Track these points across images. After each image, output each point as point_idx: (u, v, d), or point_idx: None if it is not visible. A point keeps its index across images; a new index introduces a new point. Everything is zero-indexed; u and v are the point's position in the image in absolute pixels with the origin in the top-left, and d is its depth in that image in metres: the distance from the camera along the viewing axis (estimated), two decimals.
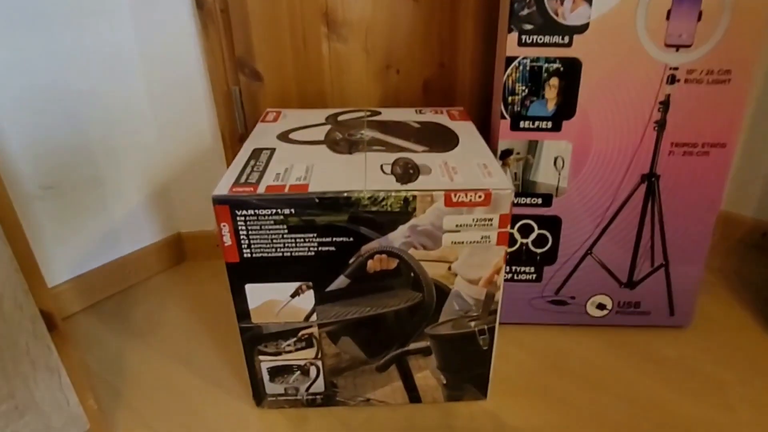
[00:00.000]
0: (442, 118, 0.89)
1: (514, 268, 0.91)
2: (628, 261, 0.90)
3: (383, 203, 0.62)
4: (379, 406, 0.80)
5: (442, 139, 0.78)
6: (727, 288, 1.07)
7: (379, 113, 0.91)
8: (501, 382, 0.84)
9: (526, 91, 0.80)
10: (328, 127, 0.83)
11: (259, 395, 0.78)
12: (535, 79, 0.79)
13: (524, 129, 0.82)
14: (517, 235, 0.89)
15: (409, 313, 0.70)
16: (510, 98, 0.80)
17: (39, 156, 0.91)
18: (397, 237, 0.64)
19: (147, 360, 0.91)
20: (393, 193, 0.62)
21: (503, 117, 0.81)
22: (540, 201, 0.86)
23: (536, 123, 0.81)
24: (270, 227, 0.63)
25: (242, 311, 0.69)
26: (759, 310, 1.00)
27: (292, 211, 0.62)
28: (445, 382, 0.78)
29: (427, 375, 0.77)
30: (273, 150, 0.74)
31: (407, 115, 0.90)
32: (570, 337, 0.94)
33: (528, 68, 0.78)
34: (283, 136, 0.80)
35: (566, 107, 0.80)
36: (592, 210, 0.86)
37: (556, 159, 0.84)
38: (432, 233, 0.64)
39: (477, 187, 0.62)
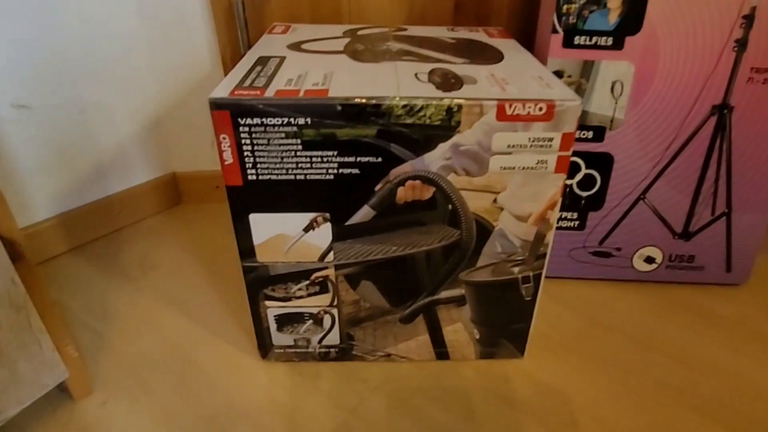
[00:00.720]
0: (479, 35, 0.76)
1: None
2: (685, 208, 0.79)
3: (421, 114, 0.50)
4: (401, 362, 0.70)
5: (482, 53, 0.66)
6: None
7: (405, 29, 0.78)
8: (539, 340, 0.74)
9: None
10: (347, 39, 0.71)
11: (264, 346, 0.69)
12: None
13: (579, 46, 0.69)
14: None
15: (442, 255, 0.60)
16: (565, 6, 0.67)
17: (10, 71, 0.79)
18: (435, 158, 0.53)
19: (137, 305, 0.81)
20: (434, 102, 0.50)
21: (555, 31, 0.69)
22: (591, 135, 0.74)
23: (594, 39, 0.69)
24: (280, 142, 0.51)
25: (246, 247, 0.59)
26: None
27: (308, 121, 0.50)
28: (478, 336, 0.68)
29: (459, 328, 0.66)
30: (283, 58, 0.62)
31: (438, 32, 0.77)
32: (613, 292, 0.84)
33: None
34: (295, 46, 0.67)
35: (631, 20, 0.67)
36: (650, 147, 0.75)
37: (614, 84, 0.71)
38: (477, 155, 0.53)
39: (539, 97, 0.50)
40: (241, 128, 0.51)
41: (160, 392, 0.66)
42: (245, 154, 0.52)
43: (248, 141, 0.51)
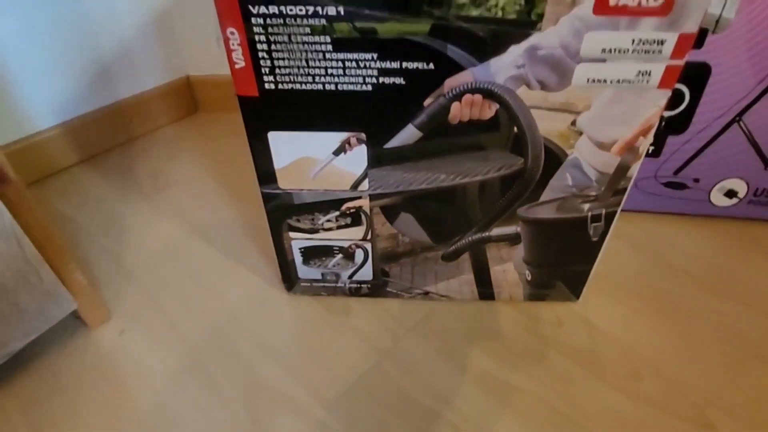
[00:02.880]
0: None
1: None
2: None
3: (492, 3, 0.38)
4: (440, 300, 0.63)
5: None
6: None
7: None
8: (596, 280, 0.65)
9: None
10: None
11: (289, 279, 0.62)
12: None
13: None
14: None
15: (500, 186, 0.49)
16: None
17: None
18: (503, 66, 0.41)
19: (152, 224, 0.75)
20: None
21: None
22: None
23: None
24: (304, 39, 0.40)
25: (265, 171, 0.50)
26: None
27: (341, 11, 0.38)
28: (530, 278, 0.59)
29: (509, 269, 0.58)
30: None
31: None
32: (686, 229, 0.73)
33: None
34: None
35: None
36: (760, 58, 0.60)
37: None
38: (560, 62, 0.41)
39: None
40: (253, 19, 0.39)
41: (180, 323, 0.61)
42: (260, 54, 0.41)
43: (263, 37, 0.40)
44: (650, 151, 0.69)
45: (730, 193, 0.72)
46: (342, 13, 0.38)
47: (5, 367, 0.55)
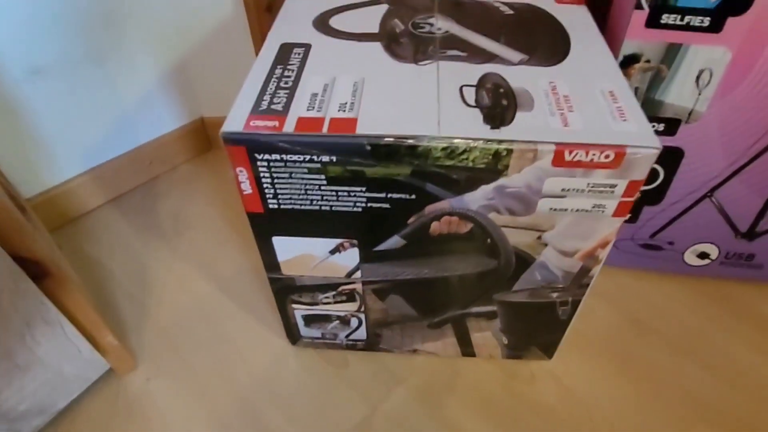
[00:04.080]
0: None
1: None
2: (757, 209, 0.70)
3: (463, 157, 0.43)
4: (427, 355, 0.71)
5: (545, 39, 0.55)
6: None
7: None
8: (571, 339, 0.72)
9: None
10: (385, 7, 0.60)
11: (293, 336, 0.70)
12: None
13: (667, 26, 0.56)
14: None
15: (477, 280, 0.56)
16: None
17: (21, 32, 0.72)
18: (476, 199, 0.47)
19: (174, 271, 0.83)
20: (480, 144, 0.42)
21: (639, 6, 0.56)
22: (662, 127, 0.64)
23: (687, 18, 0.56)
24: (302, 176, 0.46)
25: (270, 263, 0.57)
26: None
27: (333, 159, 0.44)
28: (506, 342, 0.66)
29: (487, 336, 0.65)
30: (307, 48, 0.53)
31: None
32: (660, 286, 0.79)
33: None
34: (322, 23, 0.57)
35: None
36: (731, 144, 0.64)
37: (701, 73, 0.59)
38: (525, 197, 0.46)
39: (606, 142, 0.42)
40: (258, 163, 0.45)
41: (199, 370, 0.70)
42: (265, 186, 0.47)
43: (268, 175, 0.46)
44: (627, 218, 0.74)
45: (703, 255, 0.77)
46: (335, 160, 0.44)
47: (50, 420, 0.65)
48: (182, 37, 0.88)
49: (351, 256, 0.55)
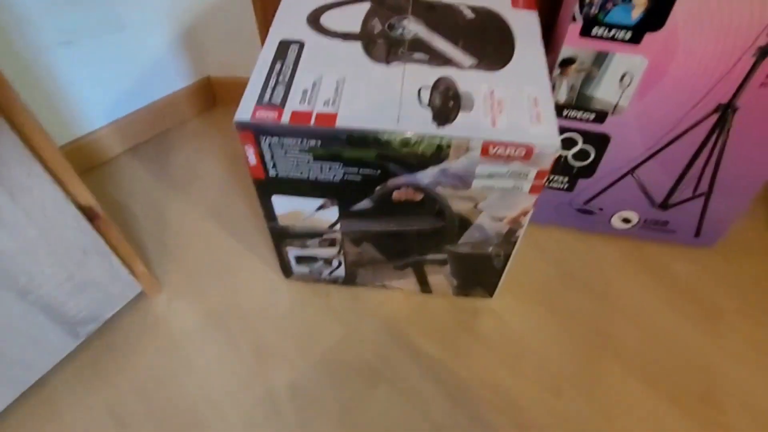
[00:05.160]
0: (502, 0, 0.74)
1: (549, 175, 0.88)
2: (669, 185, 0.85)
3: (415, 147, 0.58)
4: (394, 290, 0.88)
5: (495, 46, 0.67)
6: None
7: None
8: (510, 281, 0.90)
9: None
10: (368, 7, 0.72)
11: (286, 271, 0.87)
12: None
13: (596, 37, 0.69)
14: None
15: (430, 234, 0.72)
16: None
17: (50, 7, 0.83)
18: (425, 176, 0.62)
19: (187, 214, 0.98)
20: (427, 138, 0.57)
21: (574, 19, 0.68)
22: (592, 117, 0.78)
23: (612, 32, 0.68)
24: (295, 154, 0.61)
25: (269, 215, 0.72)
26: None
27: (318, 143, 0.59)
28: (456, 284, 0.84)
29: (441, 278, 0.82)
30: (301, 45, 0.66)
31: None
32: (589, 243, 0.96)
33: None
34: (314, 20, 0.70)
35: (655, 17, 0.66)
36: (648, 133, 0.78)
37: (624, 75, 0.72)
38: (463, 177, 0.61)
39: (520, 141, 0.57)
40: (262, 143, 0.60)
41: (210, 296, 0.87)
42: (266, 159, 0.62)
43: (269, 151, 0.61)
44: (565, 188, 0.90)
45: (626, 220, 0.93)
46: (319, 144, 0.59)
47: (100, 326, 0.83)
48: (191, 5, 0.99)
49: (332, 213, 0.70)
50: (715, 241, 0.93)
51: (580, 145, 0.82)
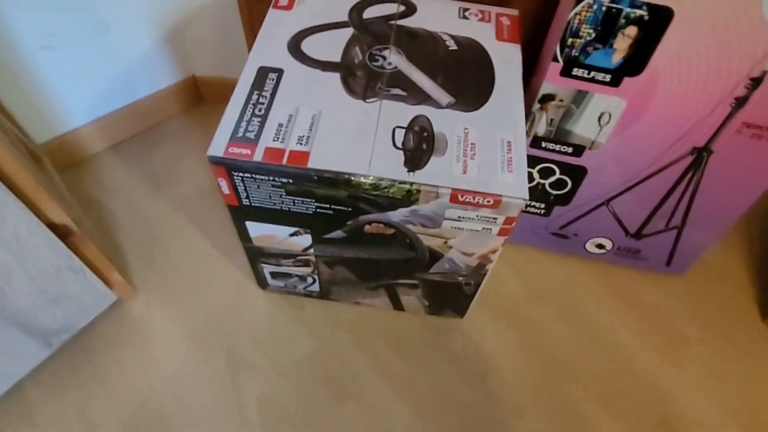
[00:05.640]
0: (486, 31, 0.74)
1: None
2: (643, 217, 0.87)
3: (385, 190, 0.58)
4: (367, 307, 0.90)
5: (475, 81, 0.67)
6: (745, 248, 1.04)
7: (415, 9, 0.75)
8: (483, 302, 0.92)
9: (593, 35, 0.64)
10: (350, 33, 0.71)
11: (263, 284, 0.88)
12: (608, 24, 0.63)
13: (576, 77, 0.69)
14: (535, 175, 0.84)
15: (401, 263, 0.73)
16: (570, 40, 0.65)
17: (31, 10, 0.82)
18: (396, 215, 0.63)
19: (167, 214, 0.99)
20: (397, 184, 0.58)
21: (555, 59, 0.68)
22: (570, 150, 0.79)
23: (592, 73, 0.68)
24: (267, 188, 0.61)
25: (244, 236, 0.73)
26: (759, 278, 1.00)
27: (290, 181, 0.59)
28: (427, 305, 0.85)
29: (412, 299, 0.84)
30: (280, 73, 0.66)
31: (449, 15, 0.75)
32: (564, 266, 0.97)
33: (604, 9, 0.62)
34: (295, 46, 0.69)
35: (634, 63, 0.66)
36: (624, 169, 0.79)
37: (602, 114, 0.73)
38: (433, 218, 0.62)
39: (488, 191, 0.57)
40: (235, 177, 0.60)
41: (187, 301, 0.89)
42: (239, 190, 0.63)
43: (242, 185, 0.61)
44: (541, 213, 0.91)
45: (600, 246, 0.95)
46: (291, 182, 0.59)
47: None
48: (177, 5, 0.97)
49: (305, 239, 0.71)
50: (685, 270, 0.95)
51: (557, 176, 0.83)
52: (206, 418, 0.78)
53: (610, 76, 0.68)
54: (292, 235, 0.71)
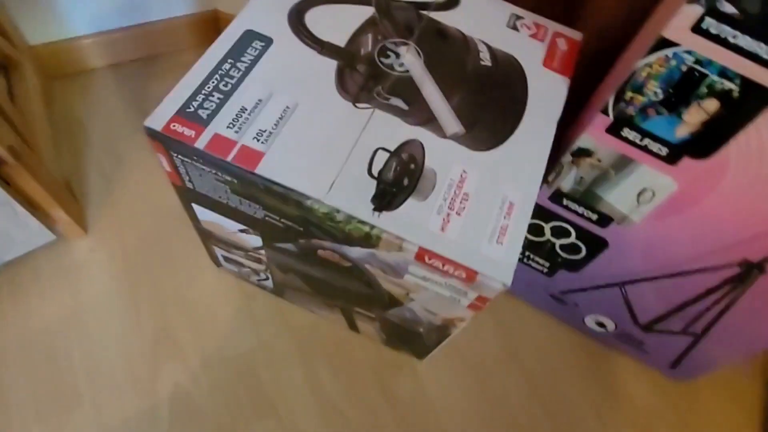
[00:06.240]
0: (535, 50, 0.60)
1: (528, 253, 0.76)
2: (658, 312, 0.73)
3: (341, 224, 0.47)
4: (321, 317, 0.80)
5: (497, 113, 0.54)
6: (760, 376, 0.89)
7: (457, 3, 0.61)
8: (448, 348, 0.81)
9: (660, 97, 0.50)
10: (368, 14, 0.58)
11: (216, 262, 0.79)
12: (683, 89, 0.48)
13: (625, 139, 0.55)
14: (547, 231, 0.71)
15: (358, 295, 0.63)
16: (630, 94, 0.51)
17: None
18: (353, 251, 0.52)
19: (142, 154, 0.90)
20: (354, 222, 0.46)
21: (605, 112, 0.54)
22: (595, 218, 0.65)
23: (646, 141, 0.54)
24: (211, 180, 0.51)
25: (192, 217, 0.63)
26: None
27: (235, 180, 0.49)
28: (384, 339, 0.75)
29: (369, 328, 0.74)
30: (268, 43, 0.54)
31: (496, 20, 0.61)
32: (551, 332, 0.85)
33: (683, 70, 0.47)
34: (297, 15, 0.57)
35: (703, 143, 0.51)
36: (652, 257, 0.65)
37: (644, 190, 0.59)
38: (394, 268, 0.51)
39: (463, 263, 0.46)
40: (174, 157, 0.50)
41: (133, 259, 0.81)
42: (180, 172, 0.52)
43: (182, 167, 0.51)
44: (544, 272, 0.78)
45: (601, 324, 0.82)
46: (236, 181, 0.49)
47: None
48: None
49: (255, 239, 0.61)
50: (691, 378, 0.82)
51: (571, 239, 0.70)
52: (112, 388, 0.72)
53: (667, 150, 0.53)
54: (241, 231, 0.61)
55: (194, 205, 0.60)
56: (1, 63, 0.76)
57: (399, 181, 0.48)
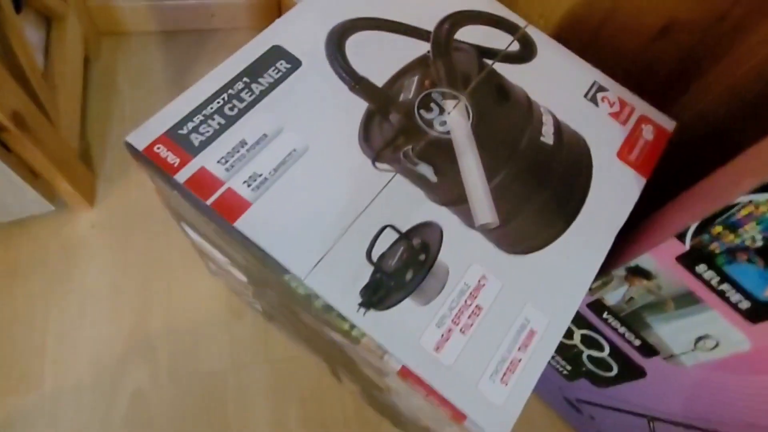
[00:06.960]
0: (612, 134, 0.49)
1: None
2: None
3: (320, 312, 0.39)
4: (308, 354, 0.73)
5: (544, 210, 0.44)
6: None
7: (533, 56, 0.51)
8: None
9: (759, 244, 0.38)
10: (422, 51, 0.49)
11: (210, 271, 0.74)
12: None
13: (699, 277, 0.44)
14: (576, 335, 0.60)
15: (342, 361, 0.55)
16: (719, 229, 0.40)
17: None
18: (333, 335, 0.44)
19: None
20: (333, 315, 0.38)
21: (681, 238, 0.42)
22: (637, 343, 0.54)
23: (724, 287, 0.42)
24: (193, 213, 0.44)
25: (183, 231, 0.57)
26: None
27: (215, 225, 0.41)
28: (367, 401, 0.67)
29: (352, 386, 0.66)
30: (296, 66, 0.46)
31: (573, 86, 0.50)
32: None
33: None
34: (338, 38, 0.48)
35: None
36: (695, 406, 0.54)
37: (705, 337, 0.47)
38: (376, 368, 0.43)
39: (450, 399, 0.37)
40: (154, 179, 0.43)
41: (133, 252, 0.76)
42: (164, 195, 0.46)
43: (164, 189, 0.44)
44: (564, 374, 0.67)
45: None
46: (214, 227, 0.41)
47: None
48: None
49: (242, 276, 0.54)
50: None
51: (603, 354, 0.59)
52: (74, 379, 0.68)
53: (750, 305, 0.42)
54: (229, 264, 0.54)
55: (183, 224, 0.53)
56: (44, 15, 0.72)
57: (401, 273, 0.39)
